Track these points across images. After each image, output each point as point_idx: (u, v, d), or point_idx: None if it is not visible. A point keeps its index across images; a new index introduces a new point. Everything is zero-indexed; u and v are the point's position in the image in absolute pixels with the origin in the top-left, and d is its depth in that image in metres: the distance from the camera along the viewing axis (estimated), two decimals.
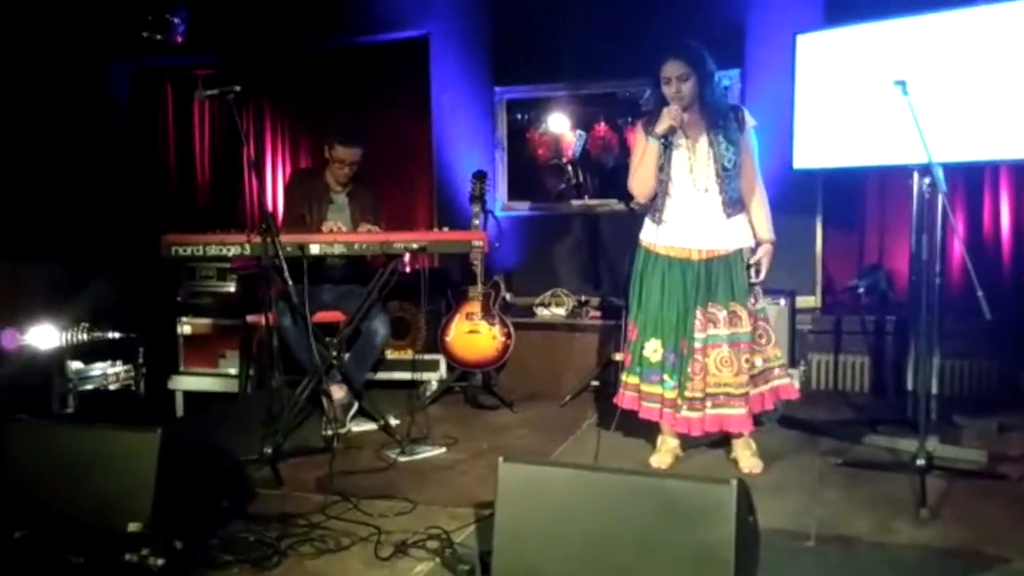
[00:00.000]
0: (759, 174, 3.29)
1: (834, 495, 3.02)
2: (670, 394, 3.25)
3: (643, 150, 3.19)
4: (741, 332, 3.19)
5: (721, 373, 3.18)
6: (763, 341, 3.26)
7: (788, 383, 3.33)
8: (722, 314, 3.18)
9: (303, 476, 3.28)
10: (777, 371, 3.29)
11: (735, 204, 3.21)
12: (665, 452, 3.37)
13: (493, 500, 2.26)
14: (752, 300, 3.23)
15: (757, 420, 3.30)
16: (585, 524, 2.14)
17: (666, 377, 3.25)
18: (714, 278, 3.19)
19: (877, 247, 4.97)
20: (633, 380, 3.33)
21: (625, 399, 3.36)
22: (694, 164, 3.18)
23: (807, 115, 4.05)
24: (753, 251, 3.25)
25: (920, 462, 2.92)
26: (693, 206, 3.20)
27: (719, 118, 3.18)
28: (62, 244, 5.33)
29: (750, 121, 3.24)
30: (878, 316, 4.64)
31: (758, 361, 3.25)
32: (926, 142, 2.93)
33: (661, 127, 3.09)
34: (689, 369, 3.20)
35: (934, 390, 3.67)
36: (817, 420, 3.98)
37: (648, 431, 3.47)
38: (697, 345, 3.18)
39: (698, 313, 3.19)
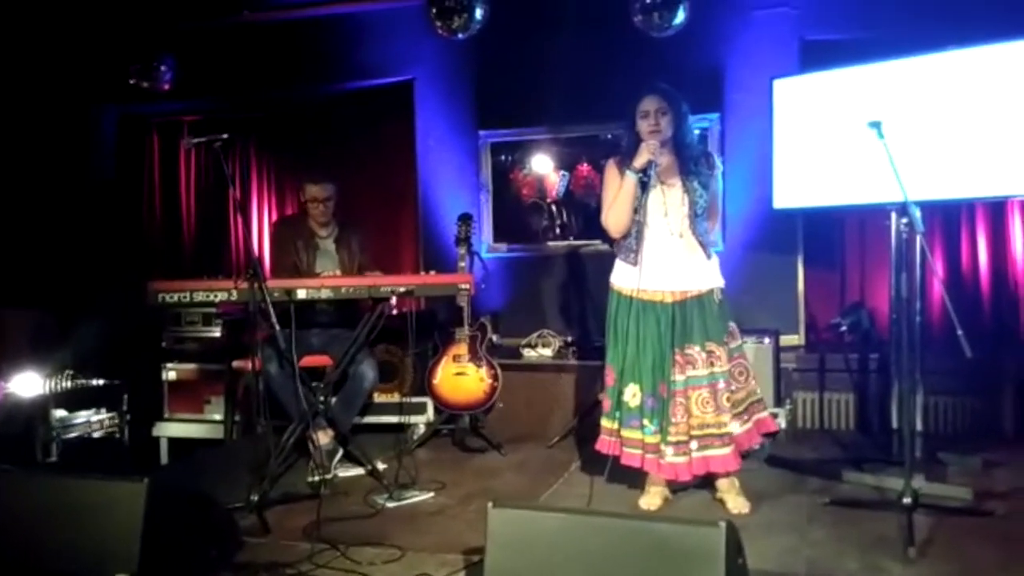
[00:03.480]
0: (718, 216, 3.43)
1: (822, 535, 3.03)
2: (651, 439, 3.25)
3: (619, 186, 3.22)
4: (719, 371, 3.20)
5: (705, 414, 3.19)
6: (741, 377, 3.29)
7: (767, 416, 3.37)
8: (700, 355, 3.19)
9: (290, 524, 3.25)
10: (757, 405, 3.33)
11: (707, 246, 3.26)
12: (654, 494, 3.36)
13: (483, 546, 2.26)
14: (729, 338, 3.26)
15: (744, 456, 3.32)
16: (575, 568, 2.14)
17: (646, 422, 3.25)
18: (688, 319, 3.21)
19: (858, 285, 5.04)
20: (613, 425, 3.34)
21: (606, 444, 3.36)
22: (669, 208, 3.22)
23: (786, 157, 4.12)
24: (722, 291, 3.28)
25: (907, 500, 2.94)
26: (667, 249, 3.23)
27: (692, 162, 3.25)
28: (47, 290, 5.30)
29: (719, 165, 3.33)
30: (861, 354, 4.67)
31: (738, 397, 3.27)
32: (902, 182, 2.99)
33: (640, 160, 3.13)
34: (670, 412, 3.20)
35: (918, 427, 3.70)
36: (804, 459, 4.00)
37: (636, 473, 3.46)
38: (677, 388, 3.20)
39: (675, 355, 3.20)
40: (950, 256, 4.86)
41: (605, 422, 3.36)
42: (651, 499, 3.35)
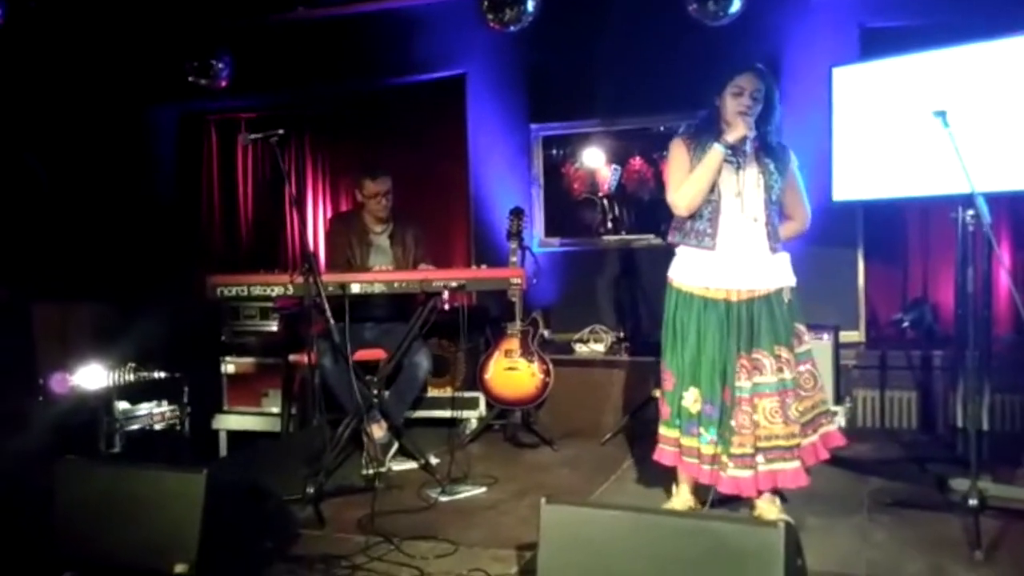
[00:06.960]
0: (807, 214, 3.24)
1: (884, 536, 2.96)
2: (708, 449, 2.99)
3: (687, 164, 3.01)
4: (788, 378, 2.95)
5: (772, 425, 2.94)
6: (808, 386, 3.04)
7: (834, 430, 3.12)
8: (768, 360, 2.95)
9: (345, 516, 3.28)
10: (824, 416, 3.09)
11: (778, 239, 3.07)
12: (679, 505, 3.17)
13: (535, 541, 2.25)
14: (796, 342, 3.03)
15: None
16: (630, 567, 2.12)
17: (702, 430, 3.00)
18: (756, 320, 2.98)
19: (921, 280, 4.90)
20: (673, 433, 3.09)
21: (666, 455, 3.12)
22: (743, 189, 2.99)
23: (845, 147, 4.03)
24: (793, 290, 3.06)
25: (972, 502, 2.84)
26: (740, 235, 3.00)
27: (770, 148, 3.06)
28: (110, 285, 5.44)
29: (794, 160, 3.14)
30: (924, 351, 4.54)
31: (805, 407, 3.01)
32: (968, 173, 2.89)
33: (735, 135, 2.93)
34: (734, 422, 2.94)
35: (984, 426, 3.58)
36: (864, 458, 3.90)
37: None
38: (744, 395, 2.95)
39: (741, 359, 2.96)
40: (1018, 249, 4.69)
41: (664, 430, 3.10)
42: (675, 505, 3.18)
